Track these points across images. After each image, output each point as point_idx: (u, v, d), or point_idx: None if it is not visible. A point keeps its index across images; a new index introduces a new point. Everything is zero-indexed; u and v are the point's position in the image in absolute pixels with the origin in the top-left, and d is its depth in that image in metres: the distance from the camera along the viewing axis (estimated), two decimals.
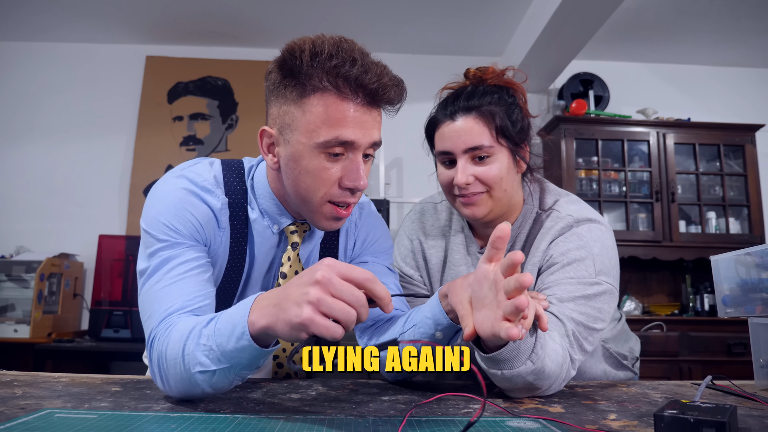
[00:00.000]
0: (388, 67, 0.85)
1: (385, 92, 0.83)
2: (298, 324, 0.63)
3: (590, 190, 3.51)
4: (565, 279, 0.97)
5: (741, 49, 3.76)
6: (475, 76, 1.09)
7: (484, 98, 1.04)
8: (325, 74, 0.80)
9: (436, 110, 1.10)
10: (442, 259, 1.19)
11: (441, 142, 1.07)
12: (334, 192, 0.86)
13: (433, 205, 1.25)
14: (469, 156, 1.03)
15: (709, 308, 3.44)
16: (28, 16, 3.45)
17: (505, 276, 0.70)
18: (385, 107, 0.87)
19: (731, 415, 0.58)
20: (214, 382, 0.72)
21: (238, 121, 3.76)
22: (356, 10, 3.35)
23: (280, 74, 0.84)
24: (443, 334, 0.87)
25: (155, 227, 0.85)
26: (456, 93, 1.08)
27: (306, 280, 0.65)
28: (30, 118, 3.69)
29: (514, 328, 0.68)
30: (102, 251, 3.32)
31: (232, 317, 0.70)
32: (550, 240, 1.05)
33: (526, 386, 0.81)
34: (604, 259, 1.00)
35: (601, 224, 1.05)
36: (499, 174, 1.04)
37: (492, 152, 1.03)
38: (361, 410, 0.73)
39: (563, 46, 3.18)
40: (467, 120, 1.04)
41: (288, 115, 0.84)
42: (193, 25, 3.57)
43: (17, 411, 0.67)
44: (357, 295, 0.64)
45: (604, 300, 0.97)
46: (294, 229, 0.96)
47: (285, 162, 0.87)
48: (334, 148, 0.83)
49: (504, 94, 1.06)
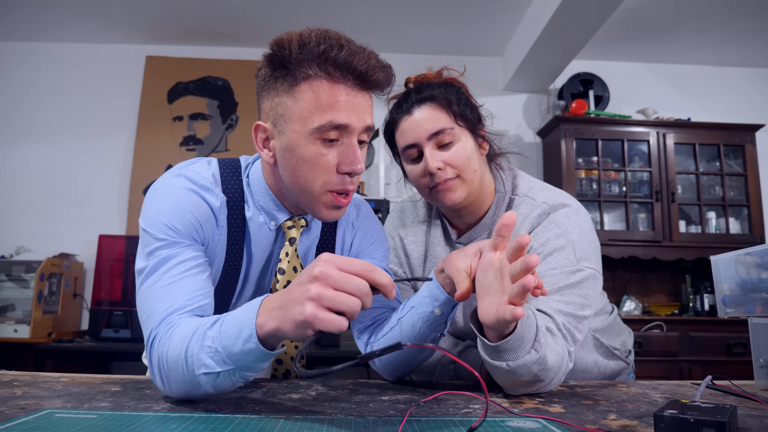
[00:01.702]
0: (375, 51, 0.86)
1: (374, 74, 0.84)
2: (302, 322, 0.63)
3: (590, 190, 3.51)
4: (548, 270, 0.99)
5: (741, 49, 3.76)
6: (417, 80, 1.14)
7: (433, 90, 1.08)
8: (315, 61, 0.82)
9: (389, 114, 1.14)
10: (423, 252, 1.22)
11: (403, 138, 1.09)
12: (332, 179, 0.86)
13: (412, 203, 1.29)
14: (434, 143, 1.06)
15: (709, 308, 3.44)
16: (28, 16, 3.45)
17: (512, 260, 0.72)
18: (375, 91, 0.88)
19: (731, 415, 0.58)
20: (218, 384, 0.72)
21: (238, 121, 3.76)
22: (356, 10, 3.35)
23: (270, 68, 0.85)
24: (441, 311, 0.89)
25: (154, 226, 0.85)
26: (405, 94, 1.12)
27: (305, 278, 0.66)
28: (30, 118, 3.69)
29: (519, 308, 0.69)
30: (102, 251, 3.32)
31: (238, 319, 0.70)
32: (529, 230, 1.06)
33: (530, 379, 0.82)
34: (584, 245, 1.02)
35: (576, 208, 1.08)
36: (465, 155, 1.07)
37: (454, 134, 1.07)
38: (361, 410, 0.73)
39: (563, 46, 3.18)
40: (424, 109, 1.07)
41: (281, 106, 0.85)
42: (193, 25, 3.57)
43: (17, 411, 0.67)
44: (358, 284, 0.64)
45: (589, 285, 0.99)
46: (291, 225, 0.97)
47: (281, 154, 0.87)
48: (328, 133, 0.83)
49: (449, 87, 1.11)
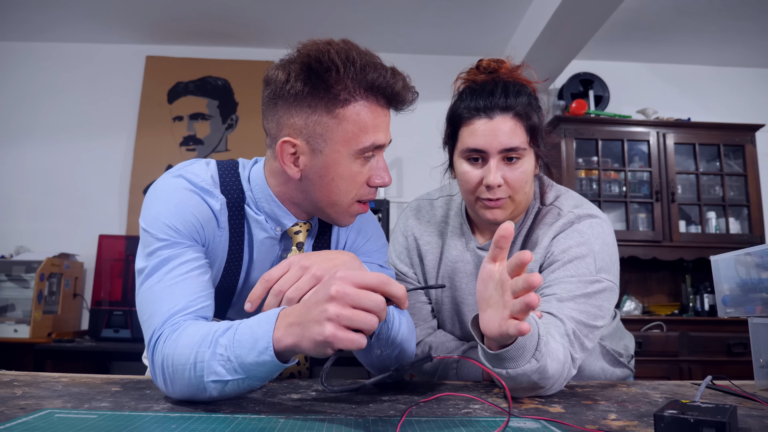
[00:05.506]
0: (404, 74, 0.89)
1: (405, 96, 0.89)
2: (322, 342, 0.65)
3: (590, 190, 3.51)
4: (566, 277, 0.97)
5: (741, 49, 3.76)
6: (489, 67, 1.06)
7: (518, 98, 1.01)
8: (361, 85, 0.84)
9: (462, 103, 1.05)
10: (438, 255, 1.19)
11: (473, 139, 1.02)
12: (363, 191, 0.91)
13: (429, 202, 1.24)
14: (502, 156, 1.01)
15: (709, 308, 3.44)
16: (28, 16, 3.45)
17: (512, 276, 0.70)
18: (401, 108, 0.91)
19: (731, 415, 0.58)
20: (225, 390, 0.73)
21: (238, 121, 3.76)
22: (356, 10, 3.35)
23: (306, 84, 0.84)
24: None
25: (155, 226, 0.85)
26: (485, 88, 1.03)
27: (322, 296, 0.66)
28: (30, 118, 3.69)
29: (523, 323, 0.68)
30: (102, 251, 3.32)
31: (253, 330, 0.70)
32: (552, 236, 1.05)
33: (530, 385, 0.81)
34: (605, 256, 1.00)
35: (602, 220, 1.06)
36: (525, 177, 1.02)
37: (523, 155, 1.02)
38: (361, 410, 0.73)
39: (563, 46, 3.18)
40: (506, 120, 1.01)
41: (319, 125, 0.85)
42: (193, 25, 3.57)
43: (17, 411, 0.67)
44: (375, 299, 0.65)
45: (605, 297, 0.97)
46: (298, 230, 0.97)
47: (315, 171, 0.88)
48: (369, 152, 0.88)
49: (532, 98, 1.04)
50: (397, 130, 1.52)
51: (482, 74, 1.06)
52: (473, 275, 1.14)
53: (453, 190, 1.24)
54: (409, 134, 3.22)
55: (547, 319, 0.91)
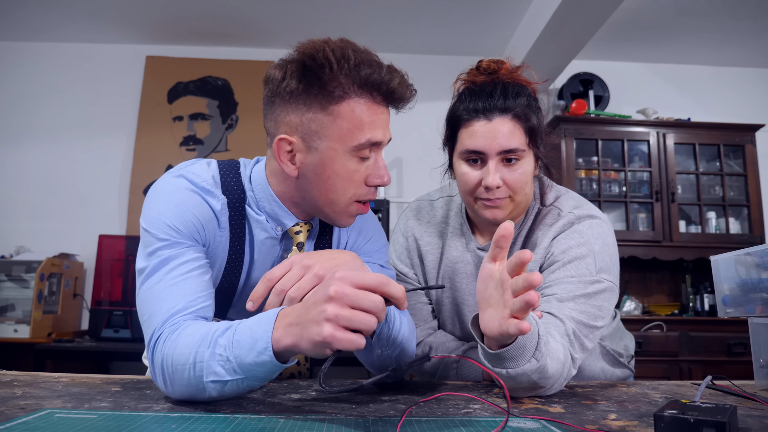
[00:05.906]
0: (402, 71, 0.89)
1: (403, 93, 0.87)
2: (320, 342, 0.65)
3: (590, 190, 3.51)
4: (566, 278, 0.98)
5: (741, 49, 3.76)
6: (489, 68, 1.06)
7: (517, 100, 1.01)
8: (355, 82, 0.83)
9: (461, 104, 1.05)
10: (439, 255, 1.19)
11: (471, 140, 1.02)
12: (361, 191, 0.90)
13: (429, 202, 1.24)
14: (501, 158, 1.01)
15: (709, 308, 3.43)
16: (28, 16, 3.45)
17: (512, 275, 0.70)
18: (399, 105, 0.90)
19: (731, 415, 0.58)
20: (224, 391, 0.73)
21: (238, 121, 3.75)
22: (356, 10, 3.35)
23: (301, 81, 0.84)
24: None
25: (156, 226, 0.85)
26: (484, 90, 1.03)
27: (321, 297, 0.66)
28: (30, 118, 3.69)
29: (523, 322, 0.68)
30: (102, 251, 3.32)
31: (252, 331, 0.70)
32: (552, 237, 1.05)
33: (530, 385, 0.81)
34: (605, 257, 1.01)
35: (602, 220, 1.06)
36: (524, 178, 1.03)
37: (522, 156, 1.02)
38: (361, 410, 0.73)
39: (563, 46, 3.18)
40: (505, 121, 1.01)
41: (314, 122, 0.85)
42: (193, 25, 3.57)
43: (17, 411, 0.67)
44: (373, 300, 0.65)
45: (605, 298, 0.97)
46: (299, 230, 0.97)
47: (311, 168, 0.87)
48: (365, 150, 0.86)
49: (531, 98, 1.04)
50: (397, 130, 1.52)
51: (482, 75, 1.06)
52: (473, 276, 1.14)
53: (453, 191, 1.24)
54: (409, 134, 3.22)
55: (547, 319, 0.91)
